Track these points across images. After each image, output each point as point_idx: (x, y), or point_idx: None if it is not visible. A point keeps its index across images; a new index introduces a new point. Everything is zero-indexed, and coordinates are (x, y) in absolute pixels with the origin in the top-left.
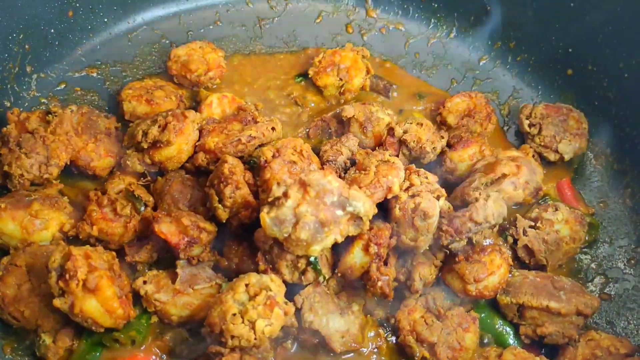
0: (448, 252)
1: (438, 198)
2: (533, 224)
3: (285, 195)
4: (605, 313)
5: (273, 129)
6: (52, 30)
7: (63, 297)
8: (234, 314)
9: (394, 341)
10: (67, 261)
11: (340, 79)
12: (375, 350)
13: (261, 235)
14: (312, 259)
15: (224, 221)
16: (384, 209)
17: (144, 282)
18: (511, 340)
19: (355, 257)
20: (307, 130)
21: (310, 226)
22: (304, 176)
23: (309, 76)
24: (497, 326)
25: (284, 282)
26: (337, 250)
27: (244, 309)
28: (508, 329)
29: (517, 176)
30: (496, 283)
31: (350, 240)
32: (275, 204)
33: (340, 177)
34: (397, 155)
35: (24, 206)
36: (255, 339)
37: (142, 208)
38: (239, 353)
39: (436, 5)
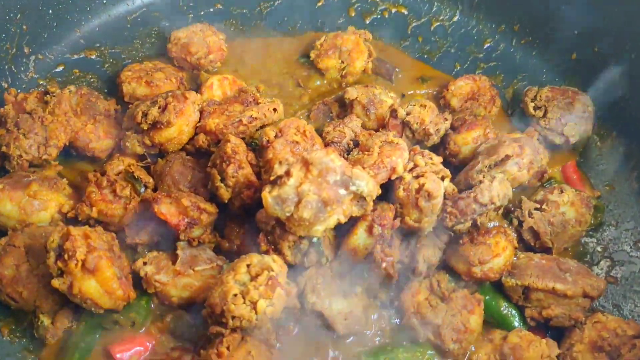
0: (452, 234)
1: (443, 179)
2: (538, 206)
3: (288, 173)
4: (611, 296)
5: (275, 110)
6: (50, 11)
7: (62, 277)
8: (235, 295)
9: (398, 323)
10: (65, 241)
11: (342, 62)
12: (379, 332)
13: (263, 216)
14: (314, 240)
15: (226, 201)
16: (388, 190)
17: (144, 264)
18: (516, 323)
19: (359, 239)
20: (308, 113)
21: (312, 205)
22: (306, 155)
23: (311, 59)
24: (502, 309)
25: (286, 263)
26: (340, 231)
27: (245, 289)
28: (513, 311)
29: (521, 157)
30: (501, 265)
31: (353, 221)
32: (277, 182)
33: (343, 158)
34: (400, 137)
35: (22, 187)
36: (256, 319)
37: (142, 189)
38: (240, 334)
39: None
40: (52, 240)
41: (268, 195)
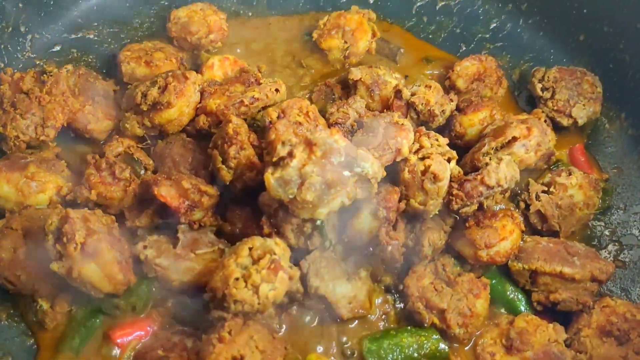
0: (458, 217)
1: (449, 160)
2: (546, 188)
3: (291, 155)
4: (619, 280)
5: (277, 90)
6: None
7: (61, 260)
8: (237, 278)
9: (402, 307)
10: (64, 224)
11: (345, 42)
12: (383, 317)
13: (266, 199)
14: (318, 222)
15: (228, 183)
16: (393, 172)
17: (144, 247)
18: (522, 307)
19: (364, 222)
20: (310, 94)
21: (316, 187)
22: (310, 135)
23: (313, 39)
24: (508, 293)
25: (289, 246)
26: (344, 214)
27: (247, 273)
28: (520, 295)
29: (528, 138)
30: (508, 249)
31: (357, 204)
32: (280, 164)
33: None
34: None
35: (19, 168)
36: (258, 303)
37: (142, 171)
38: (242, 318)
39: None
40: (50, 223)
41: (270, 177)
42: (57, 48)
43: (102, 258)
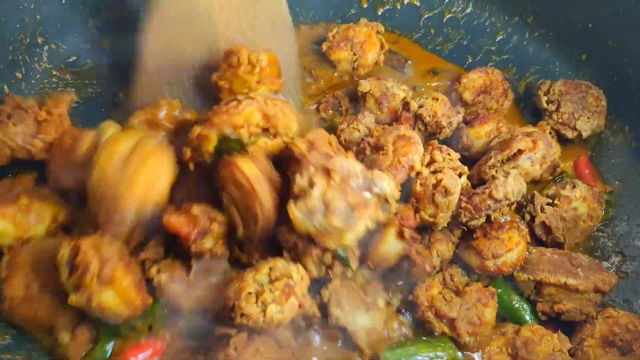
0: (466, 228)
1: (460, 175)
2: (551, 201)
3: (311, 184)
4: (621, 291)
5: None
6: (64, 1)
7: (78, 292)
8: (250, 293)
9: (411, 318)
10: (76, 255)
11: (354, 54)
12: (402, 338)
13: (284, 232)
14: (340, 252)
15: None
16: (402, 186)
17: (158, 271)
18: (528, 317)
19: (390, 245)
20: (317, 105)
21: (341, 211)
22: (325, 162)
23: (323, 51)
24: (514, 302)
25: (312, 278)
26: (364, 241)
27: (260, 289)
28: (525, 305)
29: (534, 151)
30: (514, 259)
31: (379, 229)
32: (302, 195)
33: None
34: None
35: (11, 202)
36: (263, 321)
37: None
38: (246, 333)
39: None
40: (61, 256)
41: (295, 209)
42: (73, 59)
43: (120, 285)
